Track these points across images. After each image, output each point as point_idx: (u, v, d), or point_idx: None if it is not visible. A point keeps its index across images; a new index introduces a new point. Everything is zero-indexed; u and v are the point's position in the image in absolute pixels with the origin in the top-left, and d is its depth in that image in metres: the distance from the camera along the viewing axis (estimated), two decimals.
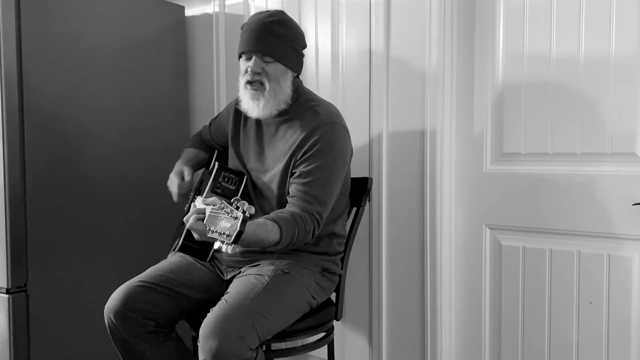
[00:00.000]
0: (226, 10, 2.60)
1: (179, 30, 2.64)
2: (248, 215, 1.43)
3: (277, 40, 1.77)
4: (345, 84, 2.28)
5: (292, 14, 2.39)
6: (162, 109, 2.56)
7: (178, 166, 2.05)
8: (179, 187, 1.95)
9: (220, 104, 2.60)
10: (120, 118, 2.38)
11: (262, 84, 1.78)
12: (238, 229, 1.41)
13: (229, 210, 1.44)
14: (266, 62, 1.78)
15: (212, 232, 1.45)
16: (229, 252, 1.43)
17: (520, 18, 1.98)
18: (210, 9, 2.65)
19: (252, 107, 1.82)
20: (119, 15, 2.36)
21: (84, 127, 2.25)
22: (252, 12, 2.50)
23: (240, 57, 1.84)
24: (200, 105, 2.72)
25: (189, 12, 2.71)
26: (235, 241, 1.42)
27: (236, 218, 1.42)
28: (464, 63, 2.09)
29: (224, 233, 1.43)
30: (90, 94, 2.26)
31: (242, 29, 1.83)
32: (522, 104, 2.00)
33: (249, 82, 1.79)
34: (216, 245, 1.45)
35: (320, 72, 2.34)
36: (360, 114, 2.24)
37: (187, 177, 1.98)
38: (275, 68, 1.79)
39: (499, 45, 2.03)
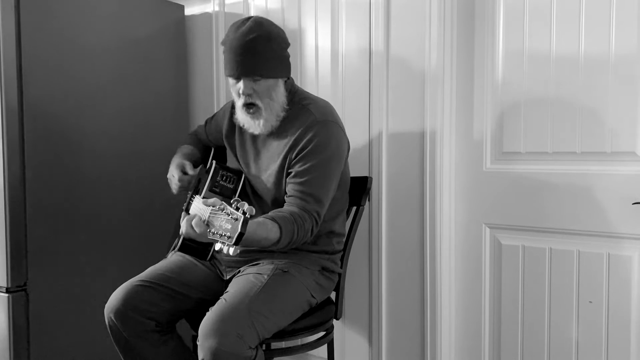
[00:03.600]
0: (226, 10, 2.60)
1: (178, 30, 2.64)
2: (249, 217, 1.42)
3: (261, 57, 1.74)
4: (345, 84, 2.28)
5: (292, 14, 2.40)
6: (162, 108, 2.56)
7: (177, 159, 2.04)
8: (180, 180, 1.96)
9: (220, 103, 2.60)
10: (119, 117, 2.38)
11: (255, 104, 1.78)
12: (239, 230, 1.40)
13: (229, 211, 1.43)
14: (255, 80, 1.76)
15: (213, 233, 1.44)
16: (230, 253, 1.42)
17: (520, 18, 1.98)
18: (210, 8, 2.65)
19: (254, 127, 1.83)
20: (118, 14, 2.36)
21: (83, 127, 2.25)
22: (252, 12, 2.50)
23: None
24: (200, 105, 2.72)
25: (188, 11, 2.71)
26: (237, 242, 1.41)
27: (237, 219, 1.41)
28: (464, 62, 2.09)
29: (224, 234, 1.42)
30: (90, 94, 2.26)
31: (223, 45, 1.80)
32: (522, 103, 2.00)
33: (245, 105, 1.79)
34: (217, 246, 1.44)
35: (320, 72, 2.34)
36: (360, 113, 2.24)
37: (189, 171, 1.98)
38: (265, 84, 1.77)
39: (499, 44, 2.03)
